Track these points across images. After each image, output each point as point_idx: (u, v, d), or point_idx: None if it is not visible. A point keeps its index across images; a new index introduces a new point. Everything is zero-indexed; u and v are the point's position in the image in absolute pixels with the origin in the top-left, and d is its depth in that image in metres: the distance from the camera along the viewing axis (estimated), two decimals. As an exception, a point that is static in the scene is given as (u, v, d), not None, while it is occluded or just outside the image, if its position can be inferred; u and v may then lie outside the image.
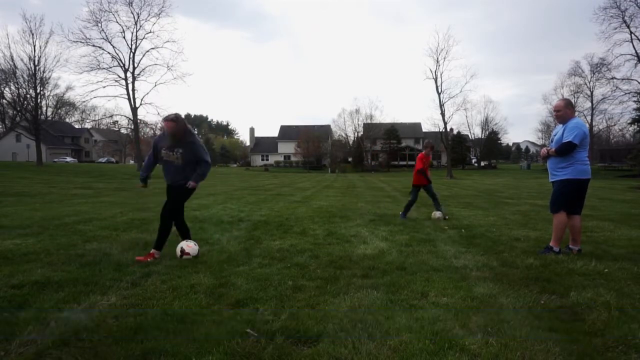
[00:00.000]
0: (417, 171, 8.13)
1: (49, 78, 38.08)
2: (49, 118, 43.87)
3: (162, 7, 40.19)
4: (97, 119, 66.05)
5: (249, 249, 4.97)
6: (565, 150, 4.62)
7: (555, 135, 4.88)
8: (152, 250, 4.45)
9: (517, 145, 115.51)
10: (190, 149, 4.41)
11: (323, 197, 13.52)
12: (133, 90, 39.62)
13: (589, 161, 4.78)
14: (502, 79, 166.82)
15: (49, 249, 4.78)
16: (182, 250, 4.40)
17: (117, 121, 59.27)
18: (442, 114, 47.61)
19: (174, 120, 4.27)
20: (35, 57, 35.83)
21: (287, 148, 77.49)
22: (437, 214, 7.92)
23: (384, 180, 33.04)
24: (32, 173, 28.56)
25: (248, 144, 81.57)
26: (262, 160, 78.69)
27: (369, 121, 72.07)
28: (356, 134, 74.47)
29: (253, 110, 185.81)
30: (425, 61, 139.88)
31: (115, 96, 43.91)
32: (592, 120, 56.42)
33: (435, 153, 72.68)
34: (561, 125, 4.79)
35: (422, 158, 8.05)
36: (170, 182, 4.53)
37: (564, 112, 4.77)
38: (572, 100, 5.35)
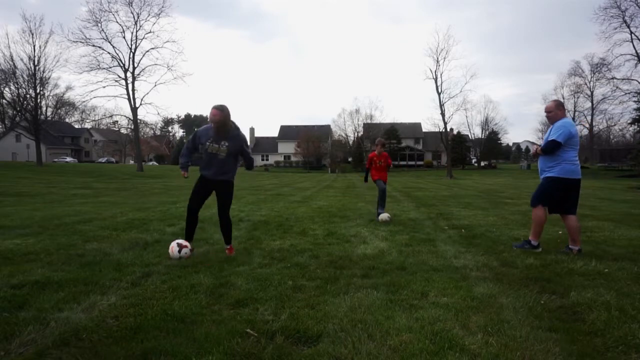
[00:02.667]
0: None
1: (49, 78, 38.15)
2: (49, 118, 43.88)
3: (162, 7, 40.47)
4: (97, 119, 66.22)
5: (249, 249, 4.97)
6: (550, 148, 4.70)
7: (546, 136, 4.94)
8: (227, 246, 4.71)
9: (517, 145, 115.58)
10: (236, 143, 4.49)
11: (323, 197, 13.52)
12: (133, 90, 39.70)
13: (579, 161, 4.84)
14: (502, 79, 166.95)
15: (49, 249, 4.78)
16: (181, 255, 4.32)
17: (117, 121, 59.45)
18: (442, 114, 47.69)
19: (219, 109, 4.34)
20: (35, 57, 35.88)
21: (287, 148, 77.50)
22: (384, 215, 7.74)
23: (384, 180, 32.98)
24: (32, 173, 28.57)
25: (248, 144, 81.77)
26: (262, 160, 78.66)
27: (369, 121, 72.16)
28: (356, 134, 74.56)
29: (253, 110, 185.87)
30: (425, 61, 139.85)
31: (115, 96, 44.10)
32: (592, 120, 56.49)
33: (435, 153, 72.93)
34: (552, 126, 4.87)
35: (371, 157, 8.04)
36: (212, 176, 4.52)
37: (554, 113, 4.85)
38: (563, 102, 5.36)
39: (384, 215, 7.64)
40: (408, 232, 6.33)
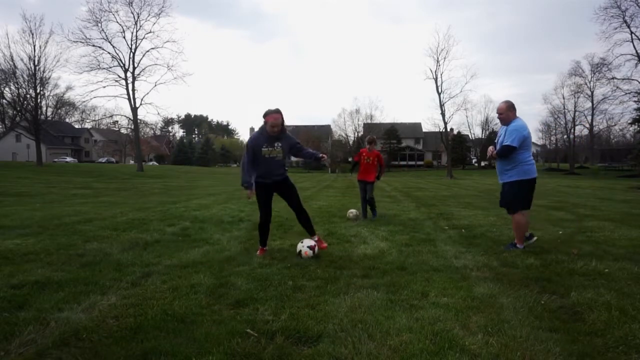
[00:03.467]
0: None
1: (49, 78, 38.04)
2: (49, 118, 43.86)
3: (162, 7, 40.20)
4: (97, 119, 66.07)
5: (249, 249, 4.97)
6: (505, 153, 4.82)
7: (500, 137, 5.03)
8: (315, 238, 4.75)
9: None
10: (289, 140, 4.63)
11: (323, 197, 13.51)
12: (133, 90, 39.65)
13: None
14: (502, 79, 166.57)
15: (49, 249, 4.78)
16: (300, 253, 4.48)
17: (117, 121, 59.32)
18: (442, 114, 47.65)
19: (280, 112, 4.48)
20: (35, 57, 35.80)
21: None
22: (354, 212, 7.87)
23: (384, 180, 33.02)
24: (32, 173, 28.55)
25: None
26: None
27: (369, 121, 72.08)
28: (356, 134, 74.49)
29: (253, 110, 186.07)
30: (425, 61, 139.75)
31: (115, 96, 43.93)
32: (592, 120, 56.35)
33: (435, 153, 72.91)
34: (505, 127, 4.95)
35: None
36: (279, 177, 4.66)
37: (506, 114, 4.94)
38: (514, 103, 5.48)
39: (353, 212, 7.85)
40: (408, 232, 6.33)
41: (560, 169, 58.73)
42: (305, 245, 4.52)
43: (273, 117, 4.42)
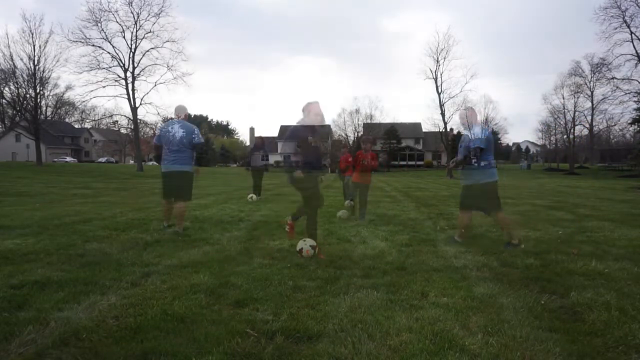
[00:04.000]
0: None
1: (49, 78, 37.98)
2: (49, 118, 43.82)
3: (162, 6, 40.08)
4: (97, 118, 65.74)
5: (249, 249, 4.97)
6: (475, 154, 5.04)
7: (463, 142, 5.23)
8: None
9: (517, 145, 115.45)
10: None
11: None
12: (133, 90, 39.57)
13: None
14: (502, 79, 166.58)
15: (49, 249, 4.77)
16: (301, 251, 4.52)
17: (117, 121, 59.16)
18: (442, 114, 47.76)
19: (318, 102, 4.68)
20: (34, 56, 35.77)
21: (287, 148, 77.39)
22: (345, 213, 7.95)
23: (384, 180, 32.98)
24: (31, 173, 28.54)
25: (248, 144, 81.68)
26: (262, 160, 78.58)
27: (369, 121, 72.08)
28: (356, 134, 74.46)
29: (253, 110, 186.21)
30: (426, 61, 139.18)
31: (115, 96, 43.90)
32: (592, 120, 56.32)
33: (435, 153, 72.86)
34: (467, 133, 5.20)
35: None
36: (322, 168, 4.80)
37: (468, 120, 5.21)
38: (475, 109, 5.93)
39: (344, 213, 7.92)
40: (408, 232, 6.33)
41: (560, 169, 58.71)
42: (307, 243, 4.52)
43: (316, 106, 4.63)
